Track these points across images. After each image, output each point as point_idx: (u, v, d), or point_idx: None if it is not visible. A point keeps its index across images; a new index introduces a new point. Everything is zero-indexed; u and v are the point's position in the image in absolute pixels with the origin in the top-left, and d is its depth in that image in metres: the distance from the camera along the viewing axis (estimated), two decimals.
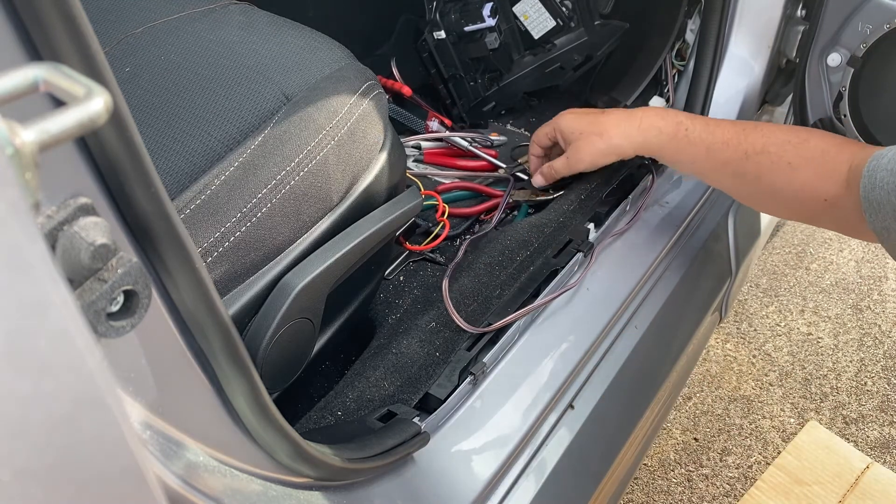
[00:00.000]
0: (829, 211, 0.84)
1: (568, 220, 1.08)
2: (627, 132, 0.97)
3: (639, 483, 1.49)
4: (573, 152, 1.02)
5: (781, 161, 0.87)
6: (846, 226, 0.84)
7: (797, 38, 1.18)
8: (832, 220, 0.86)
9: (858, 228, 0.79)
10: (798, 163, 0.85)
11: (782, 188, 0.87)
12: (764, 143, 0.89)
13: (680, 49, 1.32)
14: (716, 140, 0.92)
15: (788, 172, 0.86)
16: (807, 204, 0.86)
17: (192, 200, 0.65)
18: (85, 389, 0.29)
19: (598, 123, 0.99)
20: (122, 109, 0.35)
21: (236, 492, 0.51)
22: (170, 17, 0.82)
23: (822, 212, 0.85)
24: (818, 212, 0.86)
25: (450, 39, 1.28)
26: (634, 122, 0.97)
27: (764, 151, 0.88)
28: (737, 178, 0.93)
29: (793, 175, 0.86)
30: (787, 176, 0.86)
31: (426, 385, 0.84)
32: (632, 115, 0.98)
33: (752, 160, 0.89)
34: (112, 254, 0.34)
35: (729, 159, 0.91)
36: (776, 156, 0.87)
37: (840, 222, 0.85)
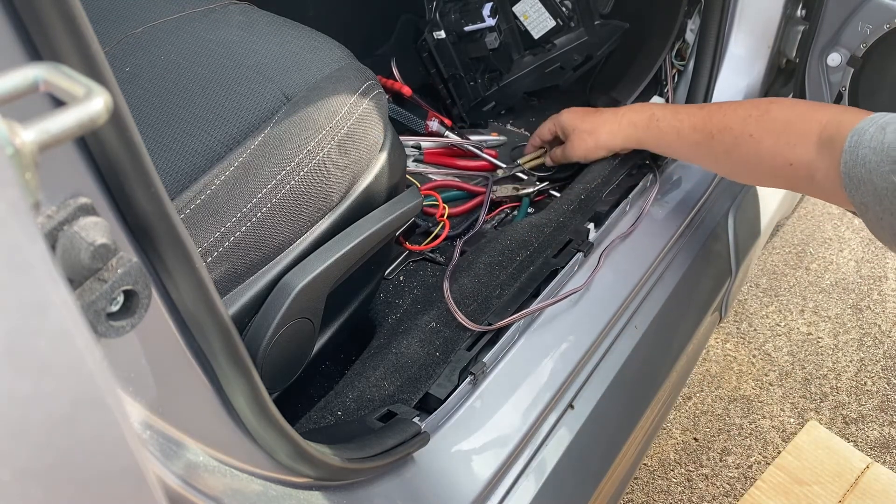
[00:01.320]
0: (802, 177, 0.88)
1: (568, 220, 1.08)
2: (612, 129, 1.08)
3: (639, 483, 1.49)
4: (569, 146, 1.13)
5: (744, 134, 0.93)
6: (823, 192, 0.87)
7: (797, 38, 1.18)
8: (808, 186, 0.89)
9: (836, 196, 0.83)
10: (759, 134, 0.91)
11: (750, 159, 0.93)
12: (726, 122, 0.95)
13: (680, 49, 1.32)
14: (684, 126, 1.00)
15: (752, 144, 0.92)
16: (776, 171, 0.91)
17: (192, 200, 0.65)
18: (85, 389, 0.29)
19: (588, 121, 1.10)
20: (122, 109, 0.35)
21: (236, 492, 0.51)
22: (170, 17, 0.82)
23: (794, 178, 0.89)
24: (790, 177, 0.90)
25: (450, 39, 1.28)
26: (616, 119, 1.07)
27: (726, 129, 0.95)
28: (710, 157, 1.01)
29: (756, 146, 0.91)
30: (751, 148, 0.92)
31: (426, 385, 0.84)
32: (616, 112, 1.08)
33: (717, 139, 0.96)
34: (112, 254, 0.34)
35: (698, 141, 0.99)
36: (738, 130, 0.93)
37: (815, 189, 0.88)
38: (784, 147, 0.88)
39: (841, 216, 2.05)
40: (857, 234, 2.01)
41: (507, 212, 1.19)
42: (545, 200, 1.20)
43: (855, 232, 2.01)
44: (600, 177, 1.16)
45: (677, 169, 1.24)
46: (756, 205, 1.35)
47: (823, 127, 0.84)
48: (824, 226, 2.04)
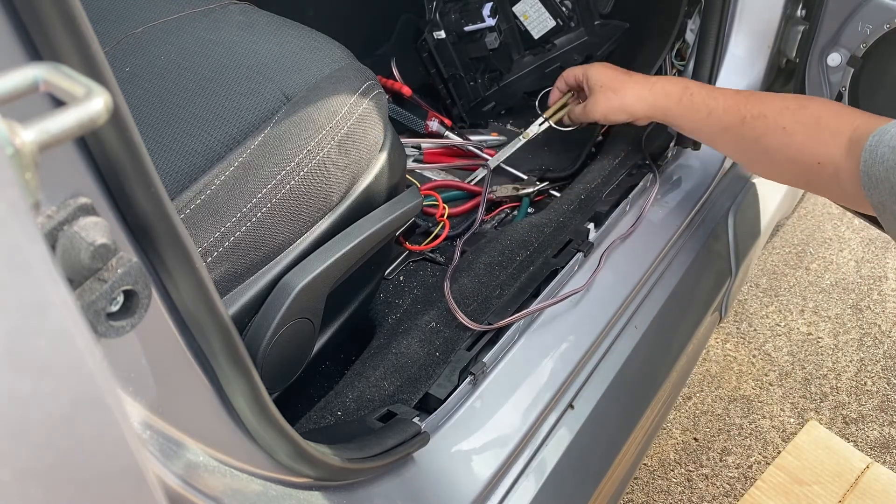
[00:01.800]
0: (826, 177, 0.86)
1: (568, 220, 1.08)
2: (640, 94, 1.03)
3: (639, 483, 1.49)
4: (591, 102, 1.07)
5: (777, 125, 0.90)
6: (844, 195, 0.86)
7: (797, 38, 1.18)
8: (830, 187, 0.88)
9: (857, 199, 0.81)
10: (793, 127, 0.88)
11: (777, 151, 0.91)
12: (762, 109, 0.92)
13: (680, 49, 1.32)
14: (717, 105, 0.96)
15: (783, 136, 0.89)
16: (802, 167, 0.89)
17: (192, 200, 0.65)
18: (85, 389, 0.29)
19: (618, 80, 1.05)
20: (122, 109, 0.35)
21: (236, 492, 0.51)
22: (170, 17, 0.82)
23: (818, 177, 0.87)
24: (814, 176, 0.88)
25: (450, 39, 1.28)
26: (647, 85, 1.03)
27: (761, 116, 0.92)
28: (736, 143, 0.97)
29: (788, 139, 0.89)
30: (781, 139, 0.90)
31: (426, 385, 0.84)
32: (648, 79, 1.04)
33: (749, 124, 0.93)
34: (112, 254, 0.34)
35: (729, 125, 0.95)
36: (772, 120, 0.91)
37: (837, 191, 0.87)
38: (816, 144, 0.86)
39: (841, 216, 2.05)
40: (857, 234, 2.01)
41: (507, 212, 1.19)
42: (545, 200, 1.20)
43: (855, 232, 2.01)
44: (600, 177, 1.16)
45: (677, 169, 1.24)
46: (756, 205, 1.35)
47: (855, 128, 0.82)
48: (824, 226, 2.04)
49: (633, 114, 1.05)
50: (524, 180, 1.23)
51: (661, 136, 1.25)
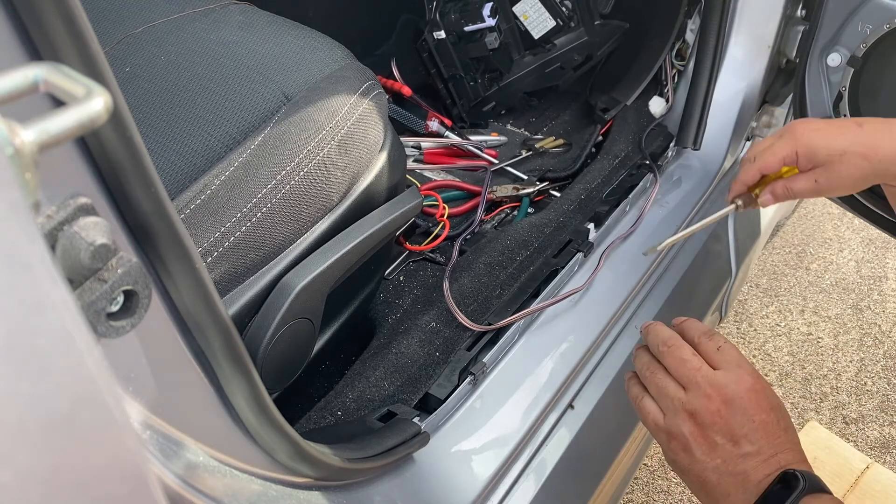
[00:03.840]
0: None
1: (568, 220, 1.08)
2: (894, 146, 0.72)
3: (639, 483, 1.49)
4: (830, 176, 0.74)
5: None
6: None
7: (797, 38, 1.18)
8: None
9: None
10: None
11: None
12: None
13: (680, 49, 1.32)
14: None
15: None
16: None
17: (192, 200, 0.65)
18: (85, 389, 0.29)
19: (863, 140, 0.73)
20: (122, 109, 0.35)
21: (236, 492, 0.51)
22: (170, 17, 0.82)
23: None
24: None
25: (450, 39, 1.28)
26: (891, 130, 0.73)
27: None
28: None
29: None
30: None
31: (426, 385, 0.84)
32: (887, 122, 0.74)
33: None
34: (112, 254, 0.34)
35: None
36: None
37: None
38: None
39: (841, 216, 2.05)
40: (857, 234, 2.01)
41: (507, 212, 1.19)
42: (545, 200, 1.20)
43: (855, 232, 2.01)
44: (600, 177, 1.16)
45: (677, 169, 1.24)
46: None
47: None
48: (824, 226, 2.04)
49: (891, 178, 0.74)
50: (524, 180, 1.23)
51: (661, 136, 1.25)
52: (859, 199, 1.09)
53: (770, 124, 1.36)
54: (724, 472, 0.60)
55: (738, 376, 0.62)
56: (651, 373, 0.66)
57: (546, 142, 1.31)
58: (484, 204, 1.16)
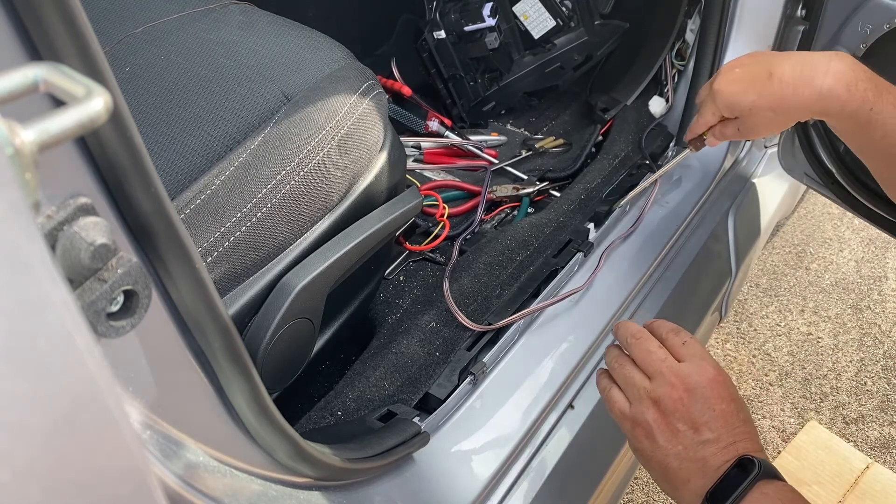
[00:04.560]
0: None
1: (568, 220, 1.08)
2: (806, 103, 0.77)
3: (639, 483, 1.49)
4: (746, 126, 0.84)
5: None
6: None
7: (797, 38, 1.18)
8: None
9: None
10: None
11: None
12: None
13: (680, 49, 1.32)
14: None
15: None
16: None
17: (192, 200, 0.65)
18: (85, 389, 0.29)
19: (769, 93, 0.79)
20: (122, 109, 0.35)
21: (236, 492, 0.51)
22: (170, 17, 0.82)
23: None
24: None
25: (450, 39, 1.28)
26: (815, 87, 0.77)
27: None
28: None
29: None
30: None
31: (426, 385, 0.84)
32: (813, 74, 0.77)
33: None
34: (112, 254, 0.34)
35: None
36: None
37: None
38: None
39: (841, 216, 2.05)
40: (857, 234, 2.01)
41: (507, 212, 1.19)
42: (545, 200, 1.20)
43: (855, 232, 2.01)
44: (600, 177, 1.16)
45: (677, 169, 1.24)
46: (756, 205, 1.35)
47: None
48: (824, 226, 2.04)
49: (801, 118, 0.82)
50: (524, 180, 1.23)
51: (660, 136, 1.25)
52: (859, 199, 1.09)
53: None
54: (685, 458, 0.63)
55: (701, 367, 0.65)
56: (619, 364, 0.69)
57: (546, 142, 1.31)
58: (484, 204, 1.16)
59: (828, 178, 1.13)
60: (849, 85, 0.76)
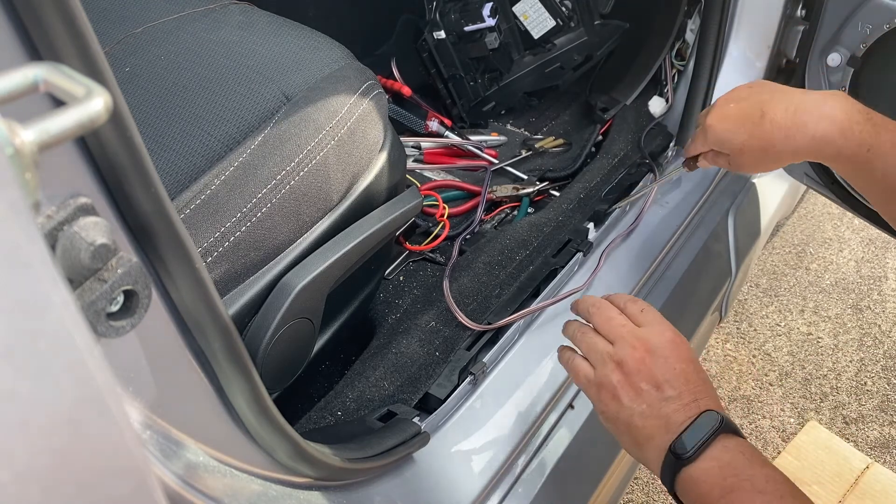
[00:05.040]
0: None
1: (567, 219, 1.08)
2: (798, 149, 0.78)
3: (639, 483, 1.49)
4: (736, 162, 0.84)
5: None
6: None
7: (797, 38, 1.18)
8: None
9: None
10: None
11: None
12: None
13: (680, 49, 1.32)
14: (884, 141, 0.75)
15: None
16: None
17: (192, 200, 0.65)
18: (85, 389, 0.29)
19: (760, 135, 0.79)
20: (122, 109, 0.35)
21: (236, 492, 0.51)
22: (170, 17, 0.82)
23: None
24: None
25: (450, 39, 1.28)
26: (808, 133, 0.77)
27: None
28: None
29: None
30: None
31: (426, 385, 0.84)
32: (806, 119, 0.76)
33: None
34: (112, 254, 0.34)
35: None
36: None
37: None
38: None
39: (841, 216, 2.05)
40: (857, 234, 2.01)
41: (507, 212, 1.19)
42: (545, 200, 1.20)
43: (855, 232, 2.01)
44: (599, 176, 1.16)
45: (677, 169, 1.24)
46: (756, 205, 1.35)
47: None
48: (824, 226, 2.04)
49: (792, 161, 0.82)
50: (524, 180, 1.23)
51: (660, 136, 1.25)
52: (859, 199, 1.09)
53: None
54: (649, 415, 0.65)
55: (660, 330, 0.69)
56: (582, 333, 0.72)
57: (546, 142, 1.31)
58: (484, 204, 1.16)
59: (828, 178, 1.13)
60: (843, 129, 0.75)
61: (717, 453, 0.61)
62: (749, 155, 0.81)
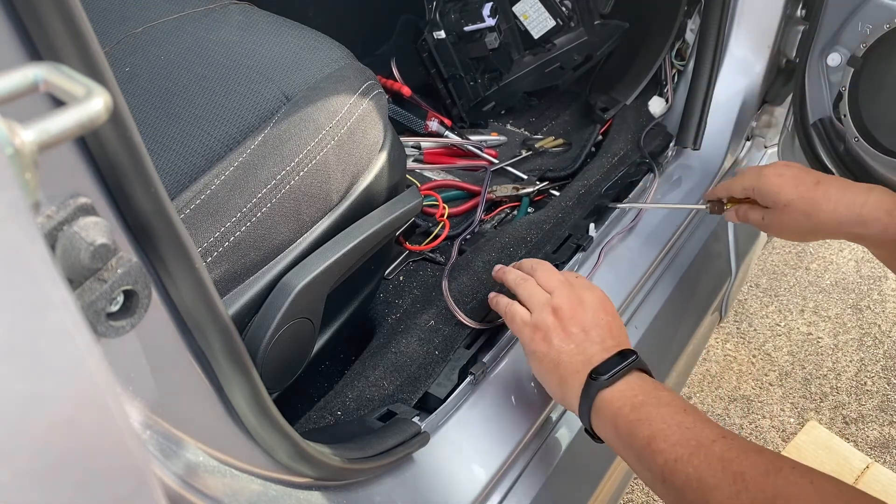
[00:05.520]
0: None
1: (567, 217, 1.08)
2: (843, 222, 0.83)
3: (639, 483, 1.49)
4: (774, 220, 0.88)
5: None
6: None
7: (797, 38, 1.18)
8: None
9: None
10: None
11: None
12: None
13: (680, 49, 1.32)
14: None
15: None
16: None
17: (191, 200, 0.65)
18: (85, 389, 0.29)
19: (811, 197, 0.84)
20: (122, 109, 0.35)
21: (236, 492, 0.51)
22: (169, 17, 0.82)
23: None
24: None
25: (450, 39, 1.28)
26: (855, 210, 0.82)
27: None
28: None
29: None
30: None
31: (426, 384, 0.84)
32: (854, 199, 0.82)
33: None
34: (112, 254, 0.34)
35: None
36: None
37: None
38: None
39: None
40: None
41: (507, 212, 1.19)
42: (545, 200, 1.20)
43: None
44: (599, 173, 1.16)
45: (677, 169, 1.24)
46: None
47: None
48: None
49: (830, 237, 0.86)
50: (524, 180, 1.23)
51: (660, 136, 1.25)
52: None
53: (770, 124, 1.36)
54: (575, 353, 0.74)
55: (591, 288, 0.80)
56: (523, 279, 0.82)
57: (546, 141, 1.31)
58: (483, 203, 1.16)
59: None
60: (889, 210, 0.81)
61: (630, 379, 0.71)
62: (791, 214, 0.85)
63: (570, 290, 0.78)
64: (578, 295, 0.77)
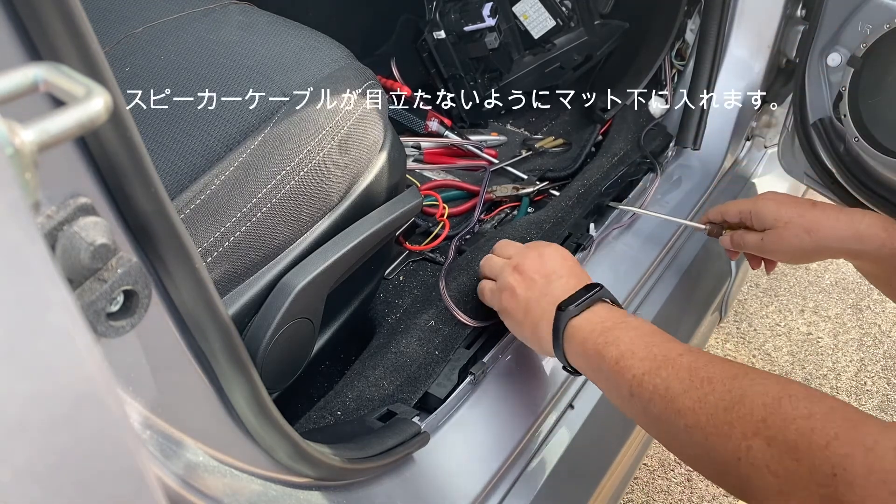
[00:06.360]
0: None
1: (567, 216, 1.08)
2: (842, 238, 0.86)
3: (639, 483, 1.49)
4: (773, 240, 0.90)
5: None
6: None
7: (797, 38, 1.18)
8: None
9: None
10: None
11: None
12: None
13: (680, 49, 1.32)
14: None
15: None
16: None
17: (191, 200, 0.65)
18: (85, 389, 0.29)
19: (811, 216, 0.87)
20: (122, 109, 0.35)
21: (236, 492, 0.51)
22: (170, 17, 0.82)
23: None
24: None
25: (450, 39, 1.28)
26: (853, 227, 0.86)
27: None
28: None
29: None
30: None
31: (426, 384, 0.84)
32: (850, 218, 0.86)
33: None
34: (112, 254, 0.34)
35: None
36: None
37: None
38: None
39: None
40: None
41: (507, 212, 1.19)
42: (545, 200, 1.20)
43: None
44: (599, 173, 1.16)
45: (677, 169, 1.24)
46: None
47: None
48: None
49: (829, 256, 0.90)
50: (524, 180, 1.23)
51: (659, 136, 1.25)
52: (859, 198, 1.09)
53: (770, 124, 1.36)
54: (542, 297, 0.77)
55: (549, 245, 0.83)
56: (487, 259, 0.87)
57: (546, 142, 1.31)
58: (482, 203, 1.16)
59: (828, 178, 1.13)
60: (886, 226, 0.85)
61: (596, 308, 0.73)
62: (793, 230, 0.87)
63: (527, 249, 0.82)
64: (537, 250, 0.81)
